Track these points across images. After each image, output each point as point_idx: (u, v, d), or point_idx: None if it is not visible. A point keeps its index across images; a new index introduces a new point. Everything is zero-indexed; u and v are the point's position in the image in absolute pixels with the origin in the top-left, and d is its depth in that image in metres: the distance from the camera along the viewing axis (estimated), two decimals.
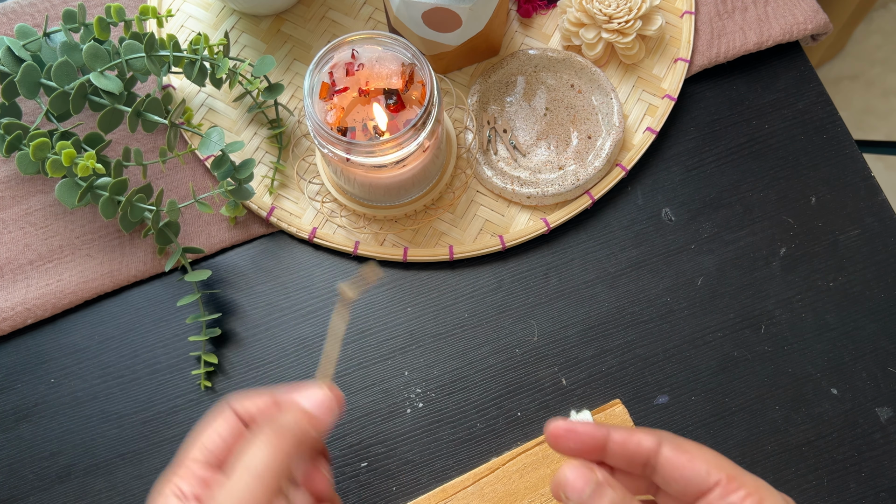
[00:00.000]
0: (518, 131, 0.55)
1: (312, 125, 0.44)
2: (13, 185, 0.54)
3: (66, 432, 0.49)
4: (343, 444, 0.49)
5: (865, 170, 0.55)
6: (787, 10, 0.57)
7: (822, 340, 0.51)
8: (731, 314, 0.51)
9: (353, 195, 0.52)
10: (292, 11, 0.58)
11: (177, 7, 0.58)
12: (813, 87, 0.56)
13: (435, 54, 0.53)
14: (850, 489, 0.48)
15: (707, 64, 0.56)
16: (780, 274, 0.52)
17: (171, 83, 0.56)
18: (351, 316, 0.51)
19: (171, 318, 0.52)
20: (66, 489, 0.48)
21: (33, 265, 0.52)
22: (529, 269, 0.52)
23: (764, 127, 0.56)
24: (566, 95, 0.55)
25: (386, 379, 0.50)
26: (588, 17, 0.54)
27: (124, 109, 0.47)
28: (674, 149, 0.55)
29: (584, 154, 0.54)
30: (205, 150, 0.48)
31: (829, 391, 0.50)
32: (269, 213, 0.53)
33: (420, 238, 0.53)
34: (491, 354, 0.50)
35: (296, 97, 0.56)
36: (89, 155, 0.45)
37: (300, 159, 0.54)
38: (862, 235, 0.53)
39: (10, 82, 0.49)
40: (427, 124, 0.44)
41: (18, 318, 0.51)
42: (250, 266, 0.53)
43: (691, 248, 0.53)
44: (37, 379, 0.50)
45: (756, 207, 0.54)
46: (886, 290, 0.52)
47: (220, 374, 0.50)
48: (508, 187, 0.52)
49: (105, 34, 0.49)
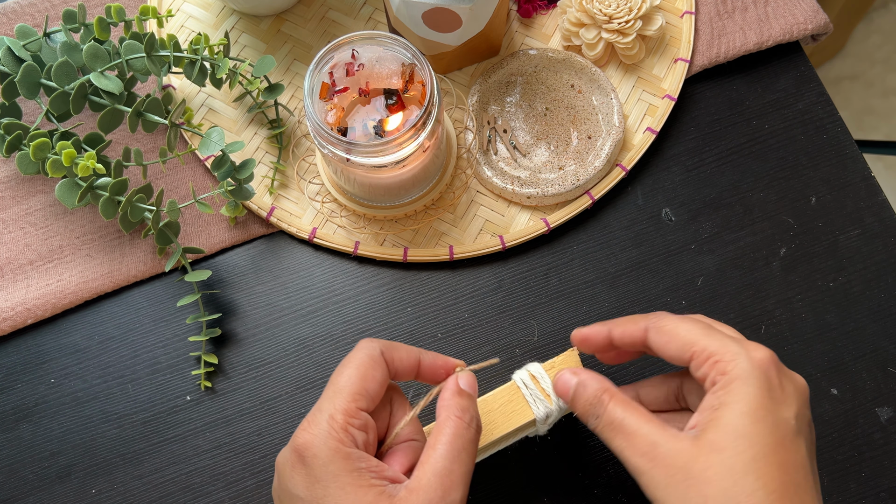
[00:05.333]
0: (518, 131, 0.55)
1: (312, 125, 0.44)
2: (13, 185, 0.54)
3: (66, 432, 0.49)
4: None
5: (865, 170, 0.55)
6: (787, 10, 0.57)
7: (822, 340, 0.51)
8: (731, 314, 0.51)
9: (353, 195, 0.52)
10: (292, 11, 0.58)
11: (177, 7, 0.58)
12: (813, 87, 0.56)
13: (435, 54, 0.53)
14: (850, 489, 0.48)
15: (707, 64, 0.56)
16: (780, 274, 0.52)
17: (172, 83, 0.56)
18: (351, 316, 0.51)
19: (171, 318, 0.52)
20: (66, 489, 0.48)
21: (33, 265, 0.52)
22: (529, 270, 0.52)
23: (764, 127, 0.56)
24: (566, 95, 0.55)
25: None
26: (588, 17, 0.54)
27: (124, 109, 0.47)
28: (674, 149, 0.55)
29: (585, 154, 0.54)
30: (205, 150, 0.48)
31: (829, 391, 0.50)
32: (269, 214, 0.53)
33: (420, 238, 0.53)
34: (491, 354, 0.50)
35: (296, 97, 0.56)
36: (89, 155, 0.45)
37: (300, 159, 0.54)
38: (862, 235, 0.53)
39: (11, 82, 0.49)
40: (427, 124, 0.44)
41: (18, 318, 0.51)
42: (250, 266, 0.53)
43: (691, 248, 0.53)
44: (37, 379, 0.50)
45: (756, 207, 0.54)
46: (886, 290, 0.52)
47: (220, 374, 0.50)
48: (508, 187, 0.52)
49: (105, 34, 0.49)
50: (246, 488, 0.48)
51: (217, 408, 0.50)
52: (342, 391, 0.34)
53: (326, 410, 0.34)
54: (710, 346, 0.34)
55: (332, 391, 0.34)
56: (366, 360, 0.35)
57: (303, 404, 0.50)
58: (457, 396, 0.36)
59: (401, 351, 0.37)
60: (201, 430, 0.49)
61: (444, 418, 0.35)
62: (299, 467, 0.33)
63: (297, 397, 0.50)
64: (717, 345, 0.34)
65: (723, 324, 0.38)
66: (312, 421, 0.34)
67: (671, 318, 0.37)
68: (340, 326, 0.51)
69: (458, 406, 0.36)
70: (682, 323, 0.36)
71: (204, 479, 0.48)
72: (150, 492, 0.48)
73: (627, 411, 0.35)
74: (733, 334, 0.36)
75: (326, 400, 0.34)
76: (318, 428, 0.33)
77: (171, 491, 0.48)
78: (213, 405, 0.50)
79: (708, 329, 0.35)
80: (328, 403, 0.34)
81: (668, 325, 0.36)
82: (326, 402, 0.34)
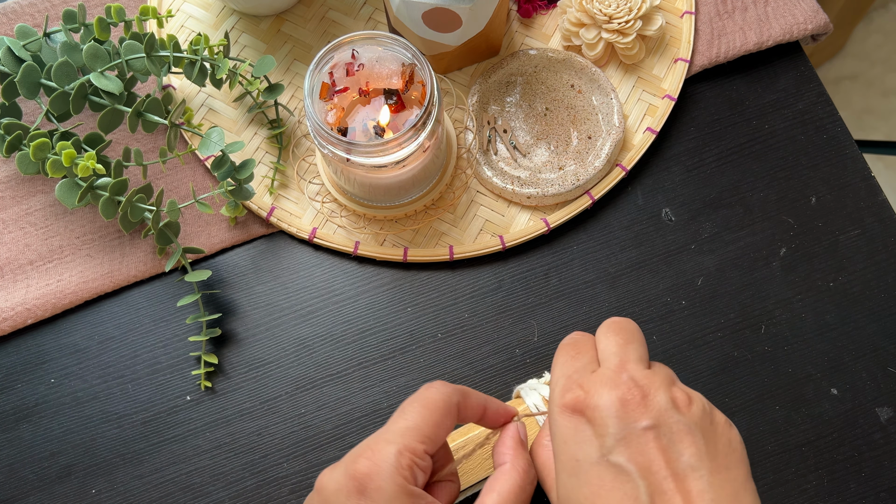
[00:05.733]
0: (518, 131, 0.55)
1: (312, 125, 0.44)
2: (13, 185, 0.54)
3: (66, 432, 0.49)
4: (343, 444, 0.49)
5: (865, 170, 0.55)
6: (787, 10, 0.57)
7: (822, 340, 0.51)
8: (731, 314, 0.51)
9: (353, 195, 0.52)
10: (292, 11, 0.58)
11: (177, 7, 0.58)
12: (813, 87, 0.56)
13: (435, 54, 0.53)
14: (850, 489, 0.48)
15: (707, 64, 0.56)
16: (780, 274, 0.52)
17: (172, 83, 0.56)
18: (351, 316, 0.51)
19: (171, 318, 0.52)
20: (66, 489, 0.48)
21: (33, 265, 0.52)
22: (529, 269, 0.52)
23: (764, 127, 0.56)
24: (566, 95, 0.55)
25: (386, 379, 0.50)
26: (588, 17, 0.54)
27: (124, 110, 0.47)
28: (674, 149, 0.55)
29: (585, 154, 0.54)
30: (205, 150, 0.48)
31: (829, 391, 0.50)
32: (269, 214, 0.53)
33: (420, 238, 0.53)
34: (491, 354, 0.50)
35: (296, 97, 0.56)
36: (89, 155, 0.45)
37: (300, 159, 0.54)
38: (862, 235, 0.53)
39: (11, 82, 0.49)
40: (427, 124, 0.44)
41: (18, 318, 0.51)
42: (250, 266, 0.53)
43: (691, 248, 0.53)
44: (37, 379, 0.50)
45: (756, 207, 0.54)
46: (886, 290, 0.52)
47: (220, 374, 0.50)
48: (508, 187, 0.52)
49: (105, 34, 0.49)
50: (246, 488, 0.48)
51: (217, 408, 0.50)
52: (415, 430, 0.34)
53: (395, 444, 0.33)
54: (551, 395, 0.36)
55: (404, 426, 0.34)
56: (442, 406, 0.35)
57: (303, 404, 0.50)
58: (522, 449, 0.37)
59: (472, 399, 0.37)
60: (201, 430, 0.49)
61: (510, 469, 0.36)
62: (359, 498, 0.32)
63: (297, 397, 0.50)
64: (550, 394, 0.36)
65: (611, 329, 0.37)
66: (377, 450, 0.33)
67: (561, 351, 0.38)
68: (340, 326, 0.51)
69: (525, 461, 0.36)
70: (556, 359, 0.37)
71: (204, 479, 0.48)
72: (150, 492, 0.48)
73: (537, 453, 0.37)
74: (606, 345, 0.36)
75: (396, 434, 0.34)
76: (385, 461, 0.32)
77: (171, 491, 0.48)
78: (213, 405, 0.50)
79: (560, 365, 0.36)
80: (398, 437, 0.33)
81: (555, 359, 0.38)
82: (396, 436, 0.33)
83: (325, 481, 0.33)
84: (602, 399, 0.32)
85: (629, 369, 0.33)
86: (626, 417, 0.32)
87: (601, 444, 0.32)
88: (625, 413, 0.32)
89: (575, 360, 0.36)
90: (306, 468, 0.48)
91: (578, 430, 0.33)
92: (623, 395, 0.32)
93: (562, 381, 0.35)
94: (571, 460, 0.32)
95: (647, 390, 0.32)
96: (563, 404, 0.33)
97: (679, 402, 0.32)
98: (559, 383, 0.35)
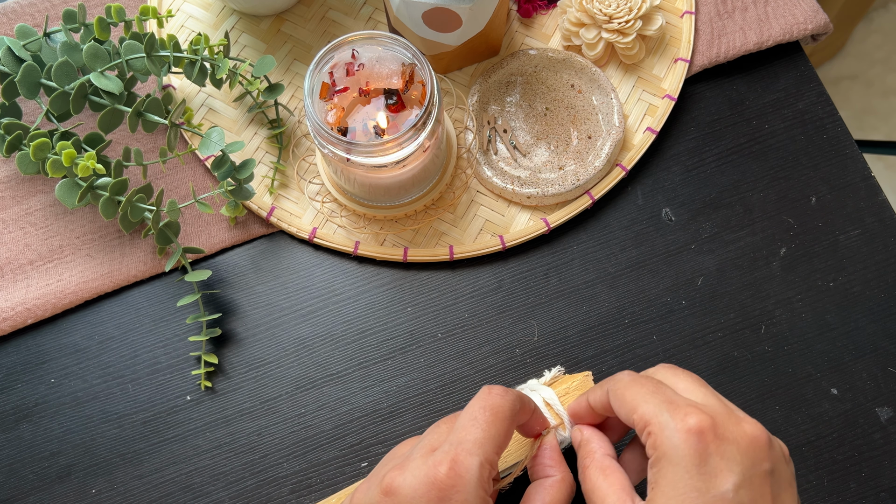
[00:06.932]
0: (518, 131, 0.55)
1: (312, 125, 0.44)
2: (13, 185, 0.54)
3: (66, 432, 0.49)
4: (343, 444, 0.49)
5: (865, 170, 0.55)
6: (787, 10, 0.57)
7: (822, 340, 0.51)
8: (731, 314, 0.51)
9: (353, 195, 0.52)
10: (292, 11, 0.58)
11: (177, 7, 0.58)
12: (813, 87, 0.56)
13: (435, 54, 0.53)
14: (850, 489, 0.48)
15: (707, 64, 0.56)
16: (780, 274, 0.52)
17: (172, 83, 0.56)
18: (351, 316, 0.51)
19: (171, 318, 0.52)
20: (66, 489, 0.48)
21: (33, 265, 0.52)
22: (529, 269, 0.52)
23: (764, 127, 0.56)
24: (566, 95, 0.55)
25: (386, 379, 0.50)
26: (588, 17, 0.54)
27: (124, 109, 0.47)
28: (674, 149, 0.55)
29: (585, 154, 0.54)
30: (205, 150, 0.48)
31: (829, 391, 0.50)
32: (270, 213, 0.53)
33: (420, 238, 0.53)
34: (491, 354, 0.50)
35: (296, 97, 0.56)
36: (89, 155, 0.45)
37: (300, 159, 0.54)
38: (862, 235, 0.53)
39: (11, 82, 0.49)
40: (427, 124, 0.44)
41: (18, 318, 0.51)
42: (250, 266, 0.53)
43: (691, 248, 0.53)
44: (37, 379, 0.50)
45: (756, 207, 0.54)
46: (886, 290, 0.52)
47: (220, 374, 0.50)
48: (508, 187, 0.52)
49: (105, 34, 0.49)
50: (246, 488, 0.48)
51: (217, 408, 0.50)
52: (492, 441, 0.33)
53: (477, 456, 0.33)
54: (646, 415, 0.34)
55: (482, 437, 0.33)
56: (509, 415, 0.35)
57: (303, 404, 0.50)
58: (564, 462, 0.38)
59: (527, 406, 0.37)
60: (201, 430, 0.49)
61: (560, 482, 0.37)
62: None
63: (297, 397, 0.50)
64: (651, 413, 0.33)
65: (685, 372, 0.37)
66: (457, 460, 0.32)
67: (624, 379, 0.36)
68: (340, 326, 0.51)
69: (572, 476, 0.37)
70: (630, 386, 0.35)
71: (204, 479, 0.48)
72: (150, 492, 0.48)
73: (599, 479, 0.35)
74: (689, 385, 0.35)
75: (476, 445, 0.33)
76: (469, 473, 0.32)
77: (171, 491, 0.48)
78: (213, 405, 0.50)
79: (651, 392, 0.35)
80: (479, 449, 0.33)
81: (619, 389, 0.36)
82: (476, 447, 0.33)
83: (396, 485, 0.33)
84: (733, 433, 0.32)
85: (735, 409, 0.34)
86: (754, 457, 0.32)
87: (730, 480, 0.31)
88: (753, 452, 0.32)
89: (663, 388, 0.35)
90: (306, 468, 0.48)
91: (705, 460, 0.32)
92: (754, 433, 0.33)
93: (665, 406, 0.33)
94: (692, 490, 0.31)
95: (768, 434, 0.33)
96: (687, 429, 0.32)
97: (786, 451, 0.34)
98: (662, 407, 0.33)
